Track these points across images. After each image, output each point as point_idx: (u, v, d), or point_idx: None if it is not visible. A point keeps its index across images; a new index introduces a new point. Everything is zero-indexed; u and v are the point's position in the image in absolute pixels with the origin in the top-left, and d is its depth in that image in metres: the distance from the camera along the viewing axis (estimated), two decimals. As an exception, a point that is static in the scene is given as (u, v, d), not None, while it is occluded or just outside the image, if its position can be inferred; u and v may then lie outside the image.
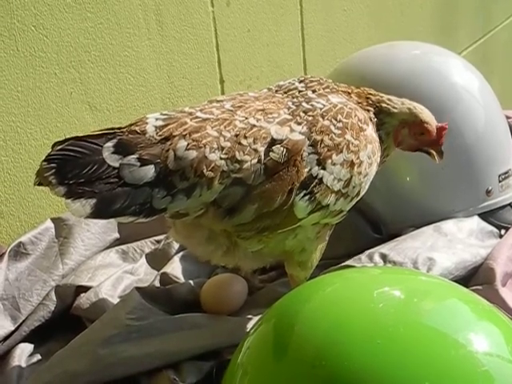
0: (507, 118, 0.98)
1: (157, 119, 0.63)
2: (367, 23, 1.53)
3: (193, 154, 0.61)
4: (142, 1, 0.99)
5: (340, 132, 0.69)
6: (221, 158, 0.62)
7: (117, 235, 0.91)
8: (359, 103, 0.73)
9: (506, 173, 0.91)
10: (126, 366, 0.68)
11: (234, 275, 0.79)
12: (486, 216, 0.89)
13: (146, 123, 0.62)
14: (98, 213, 0.58)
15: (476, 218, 0.87)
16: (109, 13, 0.95)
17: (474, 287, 0.75)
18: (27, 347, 0.76)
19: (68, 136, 0.90)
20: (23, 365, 0.74)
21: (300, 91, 0.72)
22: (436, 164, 0.76)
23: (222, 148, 0.63)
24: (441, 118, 0.86)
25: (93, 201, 0.58)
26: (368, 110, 0.73)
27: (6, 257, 0.81)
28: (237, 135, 0.64)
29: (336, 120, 0.69)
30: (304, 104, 0.70)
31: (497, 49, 2.27)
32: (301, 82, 0.74)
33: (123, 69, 0.99)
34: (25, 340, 0.77)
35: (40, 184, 0.59)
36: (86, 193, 0.58)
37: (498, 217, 0.89)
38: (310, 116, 0.69)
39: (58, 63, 0.89)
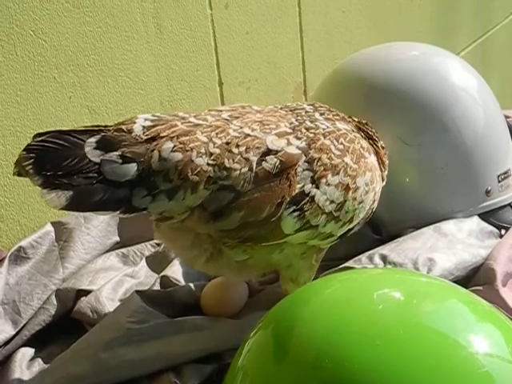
0: (506, 117, 0.98)
1: (146, 119, 0.63)
2: (366, 24, 1.53)
3: (178, 156, 0.61)
4: (141, 4, 0.99)
5: (340, 153, 0.68)
6: (208, 164, 0.62)
7: (117, 238, 0.91)
8: (368, 138, 0.74)
9: (505, 173, 0.91)
10: (127, 370, 0.68)
11: None
12: (485, 216, 0.89)
13: (135, 123, 0.62)
14: (73, 205, 0.58)
15: (476, 219, 0.88)
16: (107, 16, 0.95)
17: (475, 287, 0.75)
18: (28, 351, 0.76)
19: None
20: (24, 369, 0.73)
21: (307, 112, 0.72)
22: (435, 164, 0.76)
23: (211, 154, 0.62)
24: (439, 119, 0.87)
25: (69, 193, 0.58)
26: (376, 145, 0.74)
27: (6, 261, 0.81)
28: (228, 143, 0.63)
29: (337, 142, 0.69)
30: (308, 122, 0.69)
31: (496, 49, 2.27)
32: (310, 105, 0.74)
33: (122, 72, 0.99)
34: (26, 344, 0.77)
35: (19, 174, 0.58)
36: (62, 185, 0.57)
37: (498, 217, 0.89)
38: (311, 133, 0.68)
39: (56, 67, 0.89)
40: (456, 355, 0.47)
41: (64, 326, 0.80)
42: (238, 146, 0.63)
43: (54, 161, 0.58)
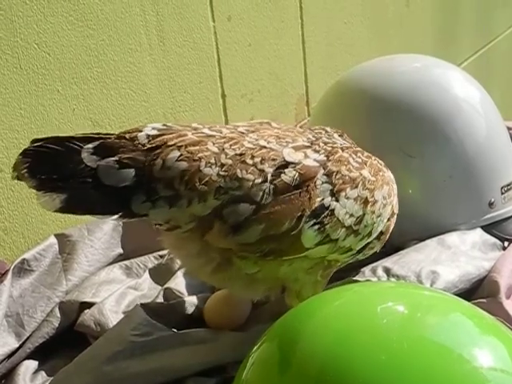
0: (509, 129, 0.98)
1: (153, 128, 0.63)
2: (367, 36, 1.54)
3: (183, 165, 0.61)
4: (144, 17, 1.00)
5: (358, 166, 0.68)
6: (218, 175, 0.61)
7: (120, 250, 0.91)
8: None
9: (508, 185, 0.91)
10: (131, 383, 0.68)
11: None
12: (488, 228, 0.89)
13: (140, 131, 0.62)
14: (68, 208, 0.58)
15: (479, 231, 0.87)
16: (111, 29, 0.95)
17: (478, 300, 0.75)
18: (32, 364, 0.76)
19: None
20: (28, 382, 0.74)
21: (326, 131, 0.72)
22: (438, 176, 0.76)
23: (222, 165, 0.62)
24: (442, 131, 0.87)
25: (63, 196, 0.58)
26: None
27: (9, 274, 0.81)
28: (241, 154, 0.63)
29: (356, 155, 0.69)
30: (324, 138, 0.70)
31: (497, 59, 2.28)
32: (327, 129, 0.74)
33: (125, 84, 0.99)
34: (29, 357, 0.77)
35: (18, 178, 0.59)
36: (57, 187, 0.58)
37: (501, 229, 0.89)
38: (329, 147, 0.68)
39: (60, 80, 0.90)
40: (460, 370, 0.47)
41: (67, 339, 0.80)
42: (252, 157, 0.63)
43: (49, 165, 0.58)
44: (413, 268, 0.77)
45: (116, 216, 0.60)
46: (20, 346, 0.78)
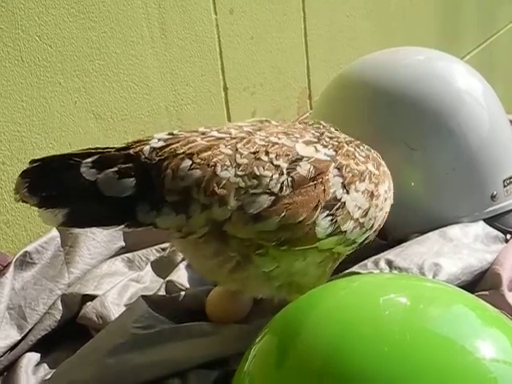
0: (511, 122, 0.98)
1: (159, 140, 0.62)
2: (370, 29, 1.53)
3: (197, 173, 0.60)
4: (146, 10, 1.00)
5: (363, 160, 0.69)
6: (236, 175, 0.61)
7: (122, 243, 0.92)
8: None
9: (510, 177, 0.90)
10: (133, 375, 0.68)
11: None
12: (491, 221, 0.88)
13: (145, 144, 0.61)
14: (70, 222, 0.59)
15: (481, 223, 0.87)
16: (112, 22, 0.95)
17: (481, 292, 0.74)
18: (34, 356, 0.76)
19: (72, 145, 0.92)
20: (30, 374, 0.74)
21: (323, 126, 0.73)
22: (440, 169, 0.76)
23: (239, 165, 0.61)
24: (445, 123, 0.86)
25: (65, 211, 0.58)
26: None
27: (11, 266, 0.81)
28: (256, 152, 0.63)
29: (359, 149, 0.71)
30: (327, 133, 0.71)
31: (500, 53, 2.27)
32: (323, 124, 0.75)
33: (127, 77, 0.99)
34: (31, 349, 0.77)
35: (22, 200, 0.59)
36: (58, 203, 0.58)
37: (503, 221, 0.89)
38: (335, 141, 0.69)
39: (62, 72, 0.90)
40: (463, 361, 0.47)
41: (70, 331, 0.80)
42: (267, 153, 0.63)
43: (48, 182, 0.58)
44: (415, 260, 0.77)
45: (122, 226, 0.60)
46: (22, 339, 0.78)
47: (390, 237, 0.87)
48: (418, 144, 0.86)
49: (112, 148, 0.61)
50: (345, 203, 0.66)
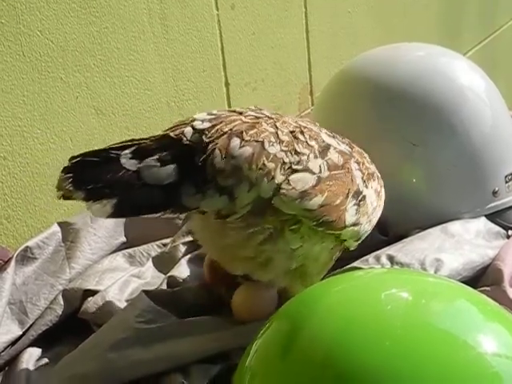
0: (513, 118, 0.98)
1: (203, 121, 0.63)
2: (372, 25, 1.53)
3: (248, 150, 0.61)
4: (147, 5, 0.99)
5: (370, 161, 0.73)
6: (281, 150, 0.63)
7: (123, 239, 0.91)
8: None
9: (512, 173, 0.90)
10: (135, 370, 0.68)
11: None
12: (492, 217, 0.88)
13: (185, 127, 0.62)
14: (119, 212, 0.59)
15: (483, 219, 0.87)
16: (114, 17, 0.95)
17: (482, 288, 0.74)
18: (35, 351, 0.76)
19: (73, 140, 0.92)
20: (31, 369, 0.74)
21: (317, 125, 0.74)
22: (442, 165, 0.76)
23: (281, 141, 0.63)
24: (447, 120, 0.86)
25: (113, 201, 0.58)
26: None
27: (12, 261, 0.81)
28: (292, 131, 0.65)
29: (365, 157, 0.73)
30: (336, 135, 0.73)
31: (502, 50, 2.27)
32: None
33: (128, 73, 0.99)
34: (33, 344, 0.77)
35: (65, 197, 0.59)
36: (105, 194, 0.59)
37: (505, 217, 0.89)
38: (346, 141, 0.71)
39: (63, 67, 0.89)
40: (465, 356, 0.47)
41: (71, 327, 0.80)
42: (302, 133, 0.65)
43: (91, 175, 0.59)
44: (417, 256, 0.77)
45: (167, 211, 0.61)
46: (23, 334, 0.78)
47: (391, 232, 0.87)
48: (420, 140, 0.85)
49: (146, 139, 0.62)
50: (365, 197, 0.68)
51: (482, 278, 0.78)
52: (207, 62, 1.12)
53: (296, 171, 0.63)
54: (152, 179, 0.59)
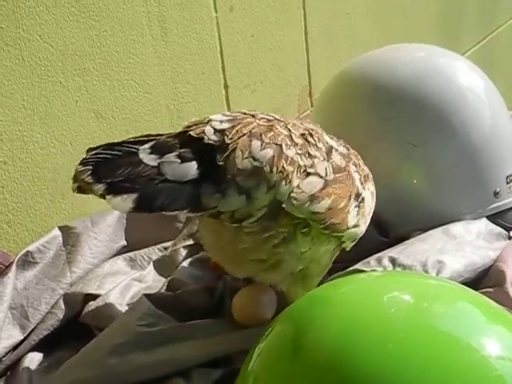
0: (513, 118, 0.98)
1: (221, 122, 0.63)
2: (370, 26, 1.53)
3: (269, 152, 0.61)
4: (146, 8, 0.99)
5: (364, 163, 0.73)
6: (297, 153, 0.63)
7: (124, 242, 0.91)
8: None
9: (513, 174, 0.90)
10: (136, 374, 0.68)
11: (264, 284, 0.77)
12: (493, 218, 0.88)
13: (204, 126, 0.62)
14: (140, 207, 0.58)
15: (484, 220, 0.87)
16: (113, 20, 0.95)
17: (485, 290, 0.74)
18: (36, 356, 0.76)
19: (73, 144, 0.92)
20: (33, 373, 0.73)
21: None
22: (443, 166, 0.76)
23: (296, 144, 0.63)
24: (447, 120, 0.86)
25: (134, 195, 0.57)
26: None
27: (13, 266, 0.80)
28: (303, 134, 0.65)
29: (360, 159, 0.73)
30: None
31: (500, 49, 2.27)
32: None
33: (128, 76, 0.99)
34: (34, 349, 0.77)
35: (80, 190, 0.58)
36: (126, 188, 0.57)
37: (506, 218, 0.88)
38: (341, 141, 0.72)
39: (63, 71, 0.89)
40: (469, 359, 0.47)
41: (72, 331, 0.80)
42: (311, 135, 0.66)
43: (111, 168, 0.58)
44: (418, 258, 0.77)
45: (185, 211, 0.59)
46: (25, 338, 0.78)
47: (391, 234, 0.87)
48: (420, 141, 0.85)
49: (162, 134, 0.61)
50: (364, 199, 0.69)
51: (483, 280, 0.77)
52: (206, 64, 1.12)
53: (309, 174, 0.63)
54: (173, 175, 0.58)
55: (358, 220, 0.68)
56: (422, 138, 0.86)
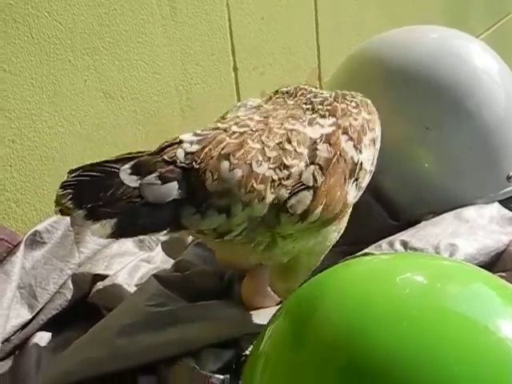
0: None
1: (191, 143, 0.60)
2: (379, 11, 1.52)
3: (238, 173, 0.59)
4: (156, -14, 0.98)
5: (356, 111, 0.69)
6: (269, 169, 0.61)
7: (132, 223, 0.91)
8: None
9: (527, 158, 0.89)
10: (145, 354, 0.67)
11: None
12: (506, 202, 0.88)
13: (177, 149, 0.60)
14: (119, 232, 0.56)
15: (496, 205, 0.86)
16: (122, -1, 0.94)
17: (498, 274, 0.73)
18: (45, 335, 0.76)
19: (82, 124, 0.91)
20: (41, 353, 0.73)
21: (302, 89, 0.72)
22: (456, 149, 0.75)
23: (269, 158, 0.61)
24: (461, 102, 0.85)
25: (113, 221, 0.55)
26: None
27: (22, 245, 0.80)
28: (280, 142, 0.63)
29: (348, 100, 0.70)
30: (313, 99, 0.70)
31: (510, 36, 2.25)
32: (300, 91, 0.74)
33: (137, 56, 0.98)
34: (42, 328, 0.77)
35: (62, 213, 0.57)
36: (105, 213, 0.56)
37: (519, 203, 0.88)
38: (327, 106, 0.69)
39: (72, 50, 0.88)
40: (486, 341, 0.46)
41: (80, 311, 0.79)
42: (289, 141, 0.63)
43: (91, 192, 0.56)
44: (431, 241, 0.76)
45: (164, 232, 0.58)
46: (33, 318, 0.78)
47: (402, 218, 0.87)
48: (434, 123, 0.85)
49: (143, 152, 0.59)
50: (361, 163, 0.67)
51: (497, 264, 0.77)
52: (216, 45, 1.11)
53: (287, 187, 0.61)
54: (153, 198, 0.57)
55: (357, 193, 0.68)
56: (436, 120, 0.85)
